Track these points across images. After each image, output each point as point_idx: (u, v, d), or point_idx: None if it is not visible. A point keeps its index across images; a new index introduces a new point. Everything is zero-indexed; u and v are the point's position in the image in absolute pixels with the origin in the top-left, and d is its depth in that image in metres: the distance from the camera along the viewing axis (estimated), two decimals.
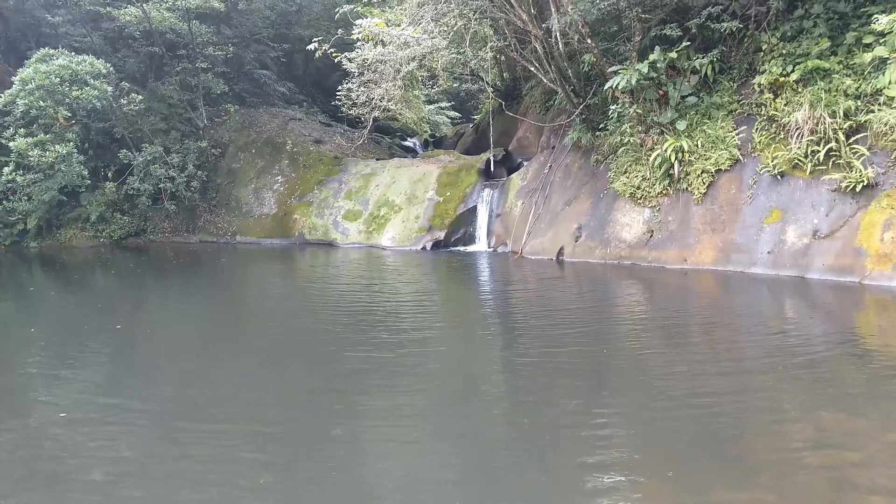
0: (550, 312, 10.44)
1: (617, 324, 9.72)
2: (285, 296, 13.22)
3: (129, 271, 17.00)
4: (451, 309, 11.51)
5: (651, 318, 9.98)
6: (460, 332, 9.58)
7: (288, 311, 11.36)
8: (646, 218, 14.52)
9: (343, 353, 8.23)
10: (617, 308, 10.86)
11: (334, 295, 12.66)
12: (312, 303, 12.02)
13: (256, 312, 11.55)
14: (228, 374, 7.59)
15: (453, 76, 26.08)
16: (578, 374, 7.29)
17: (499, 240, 18.42)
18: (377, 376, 7.30)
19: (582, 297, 12.00)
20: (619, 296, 11.92)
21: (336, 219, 20.95)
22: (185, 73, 23.26)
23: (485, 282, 14.63)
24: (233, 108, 24.40)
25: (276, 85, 28.14)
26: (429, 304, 11.65)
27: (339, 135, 25.35)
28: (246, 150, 24.01)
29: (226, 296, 13.37)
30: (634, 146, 14.98)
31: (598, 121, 16.22)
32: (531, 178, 18.54)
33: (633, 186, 14.81)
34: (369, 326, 9.63)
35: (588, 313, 10.37)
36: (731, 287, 12.05)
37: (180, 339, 9.64)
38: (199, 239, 22.12)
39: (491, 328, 9.88)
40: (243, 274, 16.59)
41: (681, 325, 9.48)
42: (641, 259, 14.19)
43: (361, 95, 17.59)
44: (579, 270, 14.41)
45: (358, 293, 12.86)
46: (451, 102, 31.71)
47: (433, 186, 20.10)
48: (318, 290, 13.44)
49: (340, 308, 11.13)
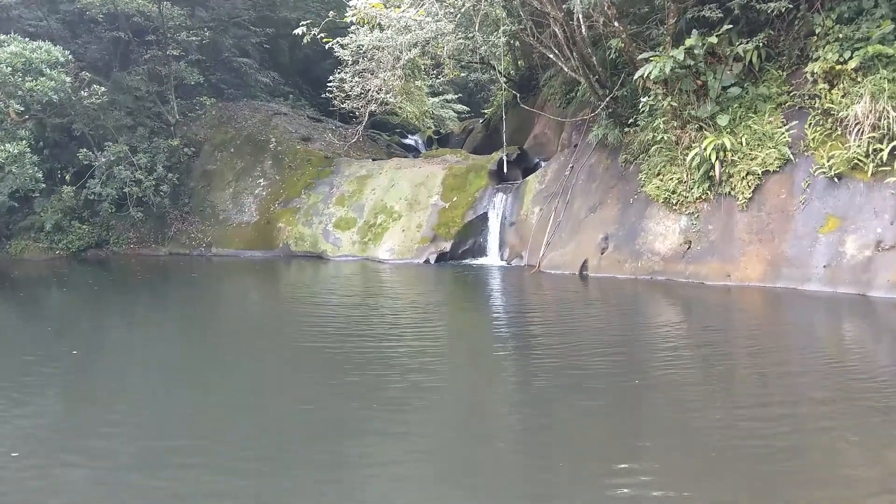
0: (573, 337, 10.40)
1: (650, 350, 9.64)
2: (266, 317, 13.23)
3: (88, 288, 17.03)
4: (459, 333, 11.51)
5: (690, 344, 9.94)
6: (470, 361, 9.54)
7: (269, 336, 11.33)
8: (682, 227, 14.55)
9: (333, 388, 8.17)
10: (650, 331, 10.82)
11: (323, 317, 12.65)
12: (297, 326, 11.99)
13: (232, 337, 11.53)
14: (195, 412, 7.54)
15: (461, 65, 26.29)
16: (605, 410, 7.24)
17: (513, 252, 18.48)
18: (374, 416, 7.21)
19: (610, 318, 11.97)
20: (653, 317, 11.86)
21: (326, 228, 21.06)
22: (154, 61, 23.42)
23: (497, 301, 14.64)
24: (209, 102, 24.45)
25: (259, 75, 28.41)
26: (433, 328, 11.65)
27: (331, 131, 25.52)
28: (223, 149, 24.13)
29: (197, 318, 13.37)
30: (669, 144, 15.01)
31: (627, 115, 16.28)
32: (550, 180, 18.61)
33: (667, 190, 14.87)
34: (364, 354, 9.59)
35: (617, 338, 10.30)
36: (782, 306, 11.99)
37: (145, 367, 9.63)
38: (170, 251, 22.19)
39: (505, 356, 9.82)
40: (218, 291, 16.60)
41: (724, 352, 9.43)
42: (677, 274, 14.21)
43: (356, 87, 17.73)
44: (606, 287, 14.40)
45: (351, 314, 12.84)
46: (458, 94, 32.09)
47: (438, 190, 20.21)
48: (305, 310, 13.44)
49: (329, 333, 11.10)
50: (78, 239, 21.63)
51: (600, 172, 17.12)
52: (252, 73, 28.05)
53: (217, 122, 24.73)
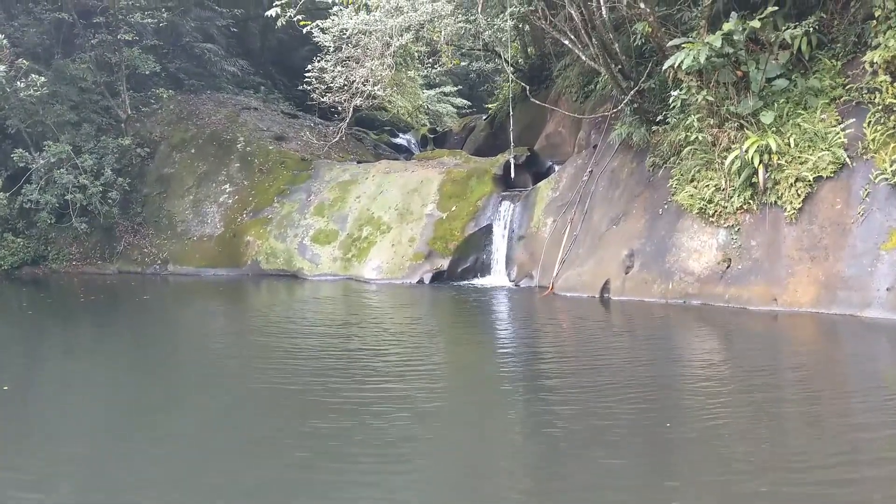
0: (594, 376, 10.30)
1: (684, 392, 9.55)
2: (230, 350, 13.06)
3: (22, 313, 16.94)
4: (457, 371, 11.37)
5: (731, 384, 9.80)
6: (471, 407, 9.40)
7: (231, 372, 11.17)
8: (720, 242, 14.50)
9: (302, 440, 8.01)
10: (684, 368, 10.74)
11: (296, 350, 12.49)
12: (266, 360, 11.82)
13: (188, 373, 11.41)
14: (141, 462, 7.43)
15: (461, 52, 26.45)
16: (631, 468, 7.12)
17: (522, 270, 18.49)
18: (352, 477, 7.03)
19: (636, 352, 11.89)
20: (687, 350, 11.79)
21: (303, 242, 21.04)
22: (103, 47, 23.45)
23: (504, 330, 14.61)
24: (166, 94, 24.37)
25: (225, 63, 28.47)
26: (427, 365, 11.49)
27: (309, 129, 25.57)
28: (183, 149, 24.09)
29: (148, 349, 13.23)
30: (704, 145, 14.99)
31: (655, 111, 16.26)
32: (565, 187, 18.63)
33: (702, 199, 14.84)
34: (342, 396, 9.42)
35: (645, 376, 10.18)
36: (839, 337, 11.92)
37: (84, 408, 9.54)
38: (119, 269, 22.20)
39: (513, 400, 9.74)
40: (174, 318, 16.53)
41: (772, 395, 9.26)
42: (715, 297, 14.20)
43: (338, 77, 18.02)
44: (631, 313, 14.35)
45: (329, 346, 12.71)
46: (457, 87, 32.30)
47: (434, 198, 20.21)
48: (275, 343, 13.29)
49: (303, 370, 10.93)
50: (11, 254, 21.58)
51: (624, 178, 17.10)
52: (217, 61, 28.05)
53: (176, 117, 24.70)
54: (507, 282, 18.66)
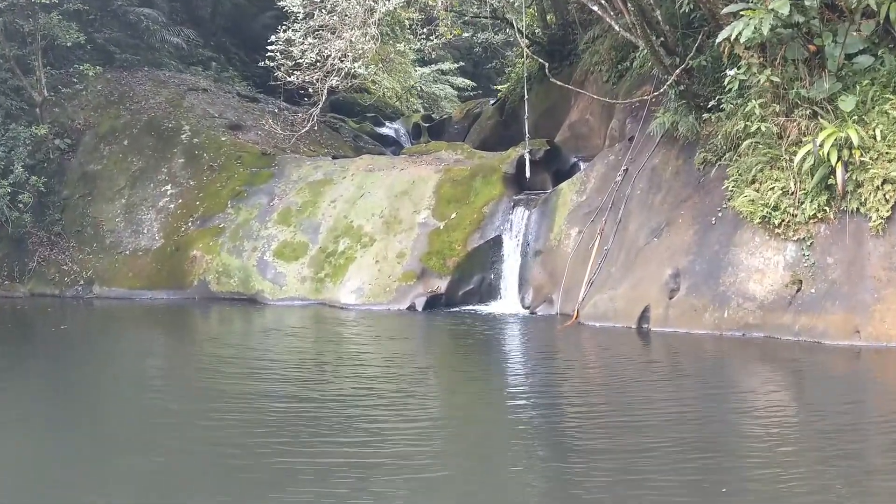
0: (633, 430, 10.10)
1: (744, 449, 9.40)
2: (167, 396, 12.82)
3: None
4: (463, 425, 11.19)
5: (801, 438, 9.69)
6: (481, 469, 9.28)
7: (168, 427, 10.85)
8: (789, 259, 14.43)
9: None
10: (743, 419, 10.55)
11: (254, 396, 12.31)
12: (214, 411, 11.58)
13: (112, 429, 11.12)
14: None
15: (463, 21, 26.47)
16: None
17: (539, 294, 18.39)
18: None
19: (684, 398, 11.68)
20: (746, 396, 11.64)
21: (263, 257, 20.96)
22: (12, 12, 23.35)
23: (517, 372, 14.49)
24: (92, 72, 24.18)
25: (167, 33, 28.30)
26: (425, 416, 11.34)
27: (272, 116, 25.40)
28: (113, 140, 23.98)
29: (64, 397, 13.00)
30: (768, 138, 14.95)
31: (707, 95, 16.21)
32: (594, 190, 18.53)
33: (766, 206, 14.78)
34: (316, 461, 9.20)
35: (696, 429, 10.07)
36: None
37: None
38: (31, 290, 22.18)
39: (532, 459, 9.64)
40: (99, 354, 16.27)
41: (853, 455, 9.07)
42: (782, 329, 14.12)
43: (310, 51, 18.04)
44: (677, 349, 14.28)
45: (296, 393, 12.47)
46: (458, 64, 32.13)
47: (428, 203, 20.18)
48: (226, 387, 13.08)
49: (263, 423, 10.74)
50: None
51: (667, 178, 17.06)
52: (157, 30, 27.84)
53: (105, 101, 24.61)
54: (520, 308, 18.59)
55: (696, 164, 16.52)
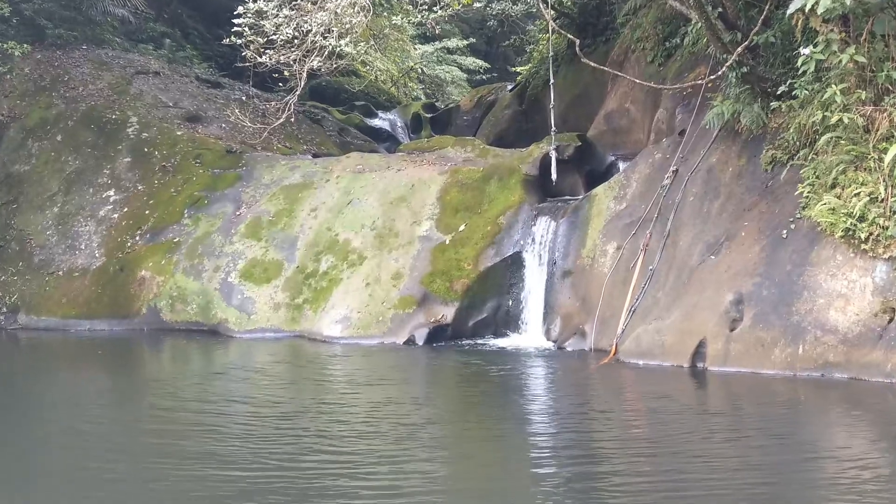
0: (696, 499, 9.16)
1: None
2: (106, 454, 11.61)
3: None
4: (478, 496, 10.08)
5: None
6: None
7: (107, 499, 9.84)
8: (879, 282, 13.71)
9: None
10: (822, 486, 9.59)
11: (214, 457, 11.19)
12: (164, 477, 10.46)
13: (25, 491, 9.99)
14: None
15: None
16: None
17: (568, 325, 17.83)
18: None
19: (750, 458, 10.76)
20: (828, 455, 10.71)
21: (227, 279, 20.35)
22: None
23: (542, 424, 13.49)
24: (19, 51, 23.90)
25: (110, 3, 27.56)
26: (430, 485, 10.22)
27: (238, 105, 24.82)
28: (44, 135, 23.68)
29: None
30: (852, 132, 14.27)
31: (775, 80, 15.61)
32: (636, 195, 18.25)
33: (849, 215, 14.12)
34: None
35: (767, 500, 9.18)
36: None
37: None
38: None
39: None
40: (23, 402, 15.15)
41: None
42: (870, 369, 13.44)
43: (285, 26, 17.46)
44: (741, 393, 13.85)
45: (269, 451, 11.30)
46: (468, 40, 33.23)
47: (431, 213, 19.84)
48: (180, 445, 11.89)
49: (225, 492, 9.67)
50: None
51: (727, 181, 16.52)
52: (99, 1, 27.05)
53: (33, 86, 24.37)
54: (544, 342, 17.85)
55: (762, 165, 16.02)
